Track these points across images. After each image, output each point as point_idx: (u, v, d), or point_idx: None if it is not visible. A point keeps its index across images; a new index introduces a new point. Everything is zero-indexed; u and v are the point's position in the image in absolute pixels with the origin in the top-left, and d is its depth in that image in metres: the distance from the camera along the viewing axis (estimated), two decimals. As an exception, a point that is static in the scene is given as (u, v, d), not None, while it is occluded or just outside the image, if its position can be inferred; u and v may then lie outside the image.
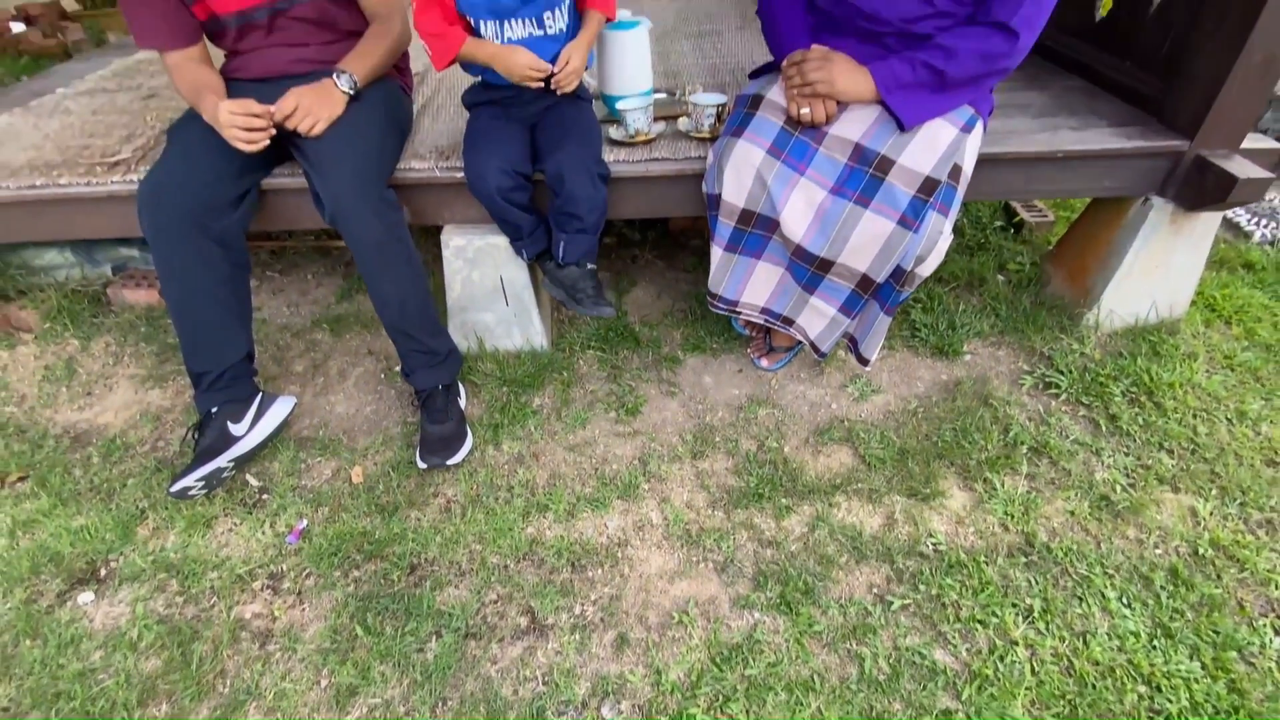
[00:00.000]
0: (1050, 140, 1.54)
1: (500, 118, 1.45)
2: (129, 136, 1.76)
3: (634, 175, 1.53)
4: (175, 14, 1.39)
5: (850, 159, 1.32)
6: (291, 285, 2.09)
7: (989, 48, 1.23)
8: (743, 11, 2.70)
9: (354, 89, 1.41)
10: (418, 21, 1.30)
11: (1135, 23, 1.73)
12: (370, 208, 1.34)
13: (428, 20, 1.29)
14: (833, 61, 1.29)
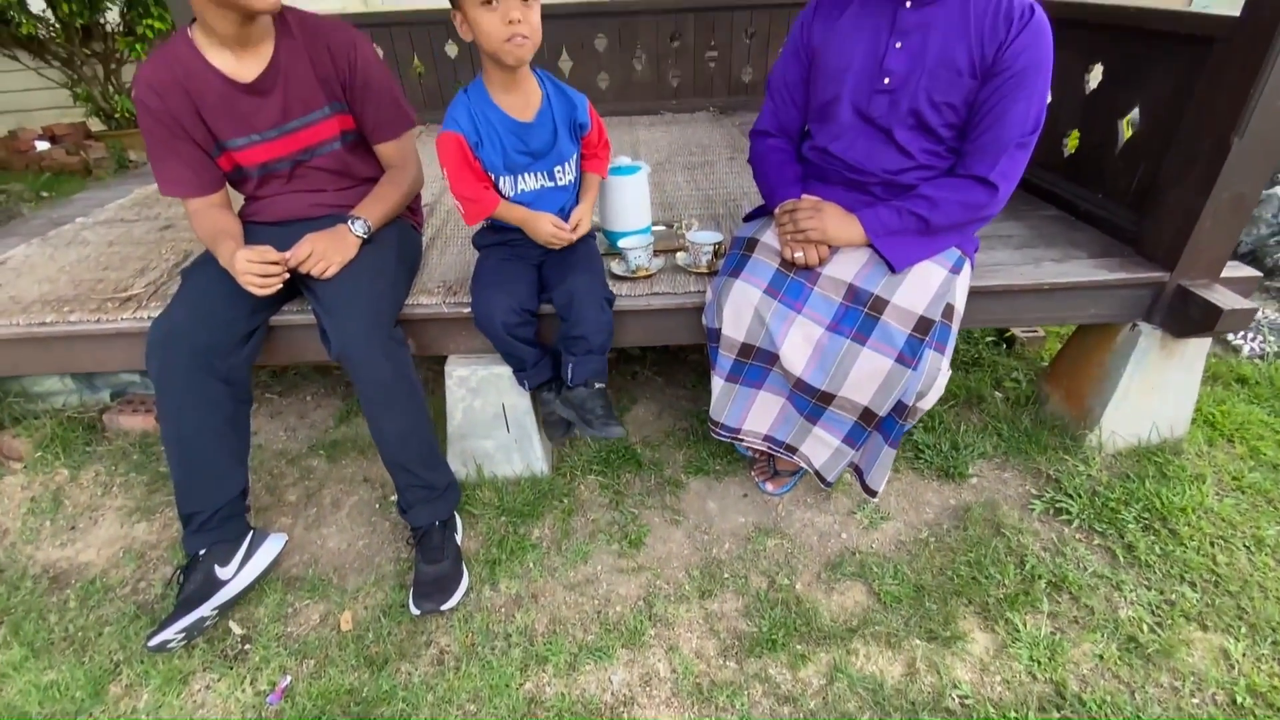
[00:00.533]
0: (1034, 273, 1.61)
1: (509, 258, 1.51)
2: (143, 270, 1.82)
3: (636, 308, 1.58)
4: (201, 165, 1.47)
5: (845, 298, 1.37)
6: (290, 407, 2.09)
7: (970, 199, 1.31)
8: (732, 143, 2.89)
9: (368, 234, 1.47)
10: (454, 187, 1.37)
11: (1103, 158, 1.86)
12: (379, 348, 1.36)
13: (464, 185, 1.36)
14: (824, 211, 1.36)
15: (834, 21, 1.39)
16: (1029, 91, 1.26)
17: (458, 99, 1.35)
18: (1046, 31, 1.26)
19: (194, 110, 1.41)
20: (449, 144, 1.34)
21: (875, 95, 1.36)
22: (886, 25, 1.33)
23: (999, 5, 1.26)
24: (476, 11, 1.19)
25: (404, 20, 3.21)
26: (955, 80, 1.29)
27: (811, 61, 1.44)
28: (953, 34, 1.28)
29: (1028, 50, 1.24)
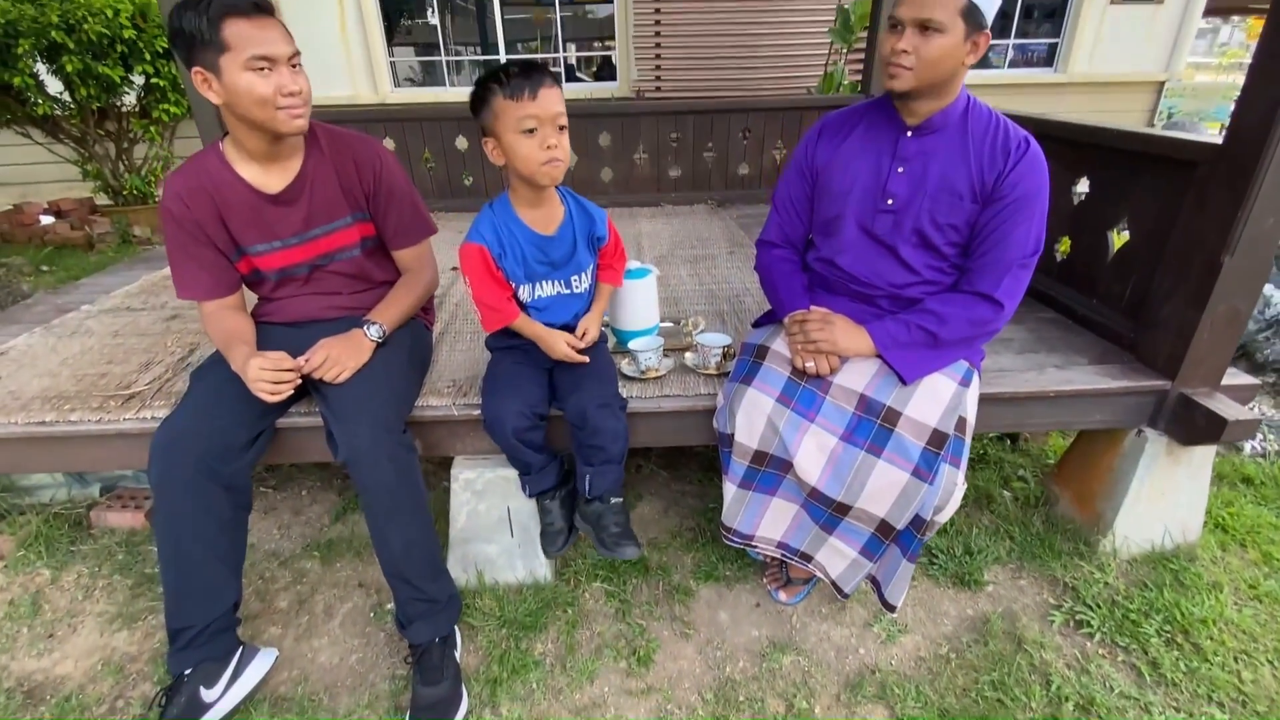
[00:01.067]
0: (1039, 380, 1.64)
1: (521, 361, 1.52)
2: (148, 364, 1.81)
3: (646, 410, 1.58)
4: (220, 269, 1.49)
5: (857, 408, 1.39)
6: (285, 503, 2.04)
7: (977, 315, 1.36)
8: (730, 236, 3.00)
9: (382, 339, 1.49)
10: (477, 295, 1.40)
11: (1095, 266, 1.93)
12: (386, 454, 1.34)
13: (487, 294, 1.40)
14: (833, 323, 1.40)
15: (838, 146, 1.47)
16: (1028, 216, 1.33)
17: (483, 213, 1.40)
18: (1042, 163, 1.34)
19: (218, 217, 1.44)
20: (473, 255, 1.37)
21: (879, 214, 1.43)
22: (888, 151, 1.41)
23: (996, 137, 1.34)
24: (515, 138, 1.26)
25: (417, 115, 3.37)
26: (957, 204, 1.36)
27: (815, 180, 1.52)
28: (952, 161, 1.36)
29: (1025, 180, 1.31)
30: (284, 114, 1.29)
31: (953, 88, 1.33)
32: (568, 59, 6.67)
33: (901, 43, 1.25)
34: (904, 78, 1.27)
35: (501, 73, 1.25)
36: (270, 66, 1.25)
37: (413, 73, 6.80)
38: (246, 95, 1.26)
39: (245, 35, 1.22)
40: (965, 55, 1.26)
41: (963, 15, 1.21)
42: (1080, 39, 6.56)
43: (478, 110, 1.30)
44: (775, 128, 3.48)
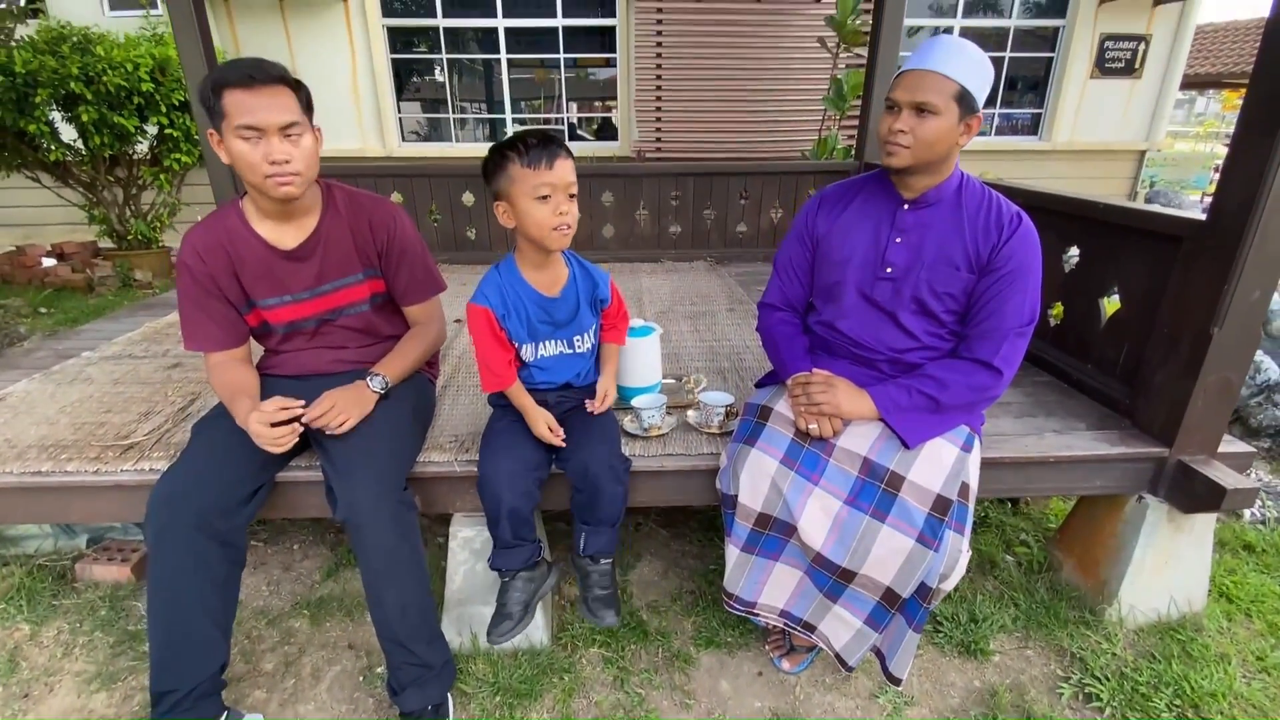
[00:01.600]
0: (1039, 445, 1.66)
1: (520, 419, 1.53)
2: (147, 413, 1.81)
3: (649, 469, 1.59)
4: (229, 321, 1.52)
5: (860, 472, 1.40)
6: (275, 557, 2.01)
7: (977, 381, 1.39)
8: (729, 293, 3.06)
9: (385, 390, 1.50)
10: (480, 354, 1.44)
11: (1087, 332, 1.98)
12: (387, 513, 1.34)
13: (489, 355, 1.43)
14: (836, 387, 1.42)
15: (837, 216, 1.54)
16: (1023, 287, 1.38)
17: (489, 275, 1.44)
18: (1034, 237, 1.39)
19: (232, 272, 1.48)
20: (478, 317, 1.41)
21: (879, 282, 1.47)
22: (887, 222, 1.47)
23: (989, 212, 1.40)
24: (529, 204, 1.31)
25: (424, 172, 3.47)
26: (953, 274, 1.41)
27: (815, 248, 1.57)
28: (948, 233, 1.41)
29: (1018, 253, 1.37)
30: (271, 181, 1.34)
31: (947, 165, 1.40)
32: (570, 119, 6.92)
33: (898, 123, 1.32)
34: (901, 155, 1.35)
35: (519, 142, 1.31)
36: (258, 135, 1.31)
37: (419, 127, 7.03)
38: (238, 160, 1.33)
39: (238, 104, 1.28)
40: (959, 136, 1.33)
41: (956, 100, 1.29)
42: (1062, 109, 6.89)
43: (492, 174, 1.35)
44: (773, 190, 3.60)
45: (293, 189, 1.38)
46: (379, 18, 6.24)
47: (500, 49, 6.49)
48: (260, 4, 5.99)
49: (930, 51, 1.30)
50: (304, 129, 1.38)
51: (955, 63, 1.28)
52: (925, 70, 1.29)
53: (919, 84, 1.29)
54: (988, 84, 1.32)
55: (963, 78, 1.28)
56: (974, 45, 1.31)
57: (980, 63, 1.30)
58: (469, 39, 6.62)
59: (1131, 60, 6.78)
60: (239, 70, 1.31)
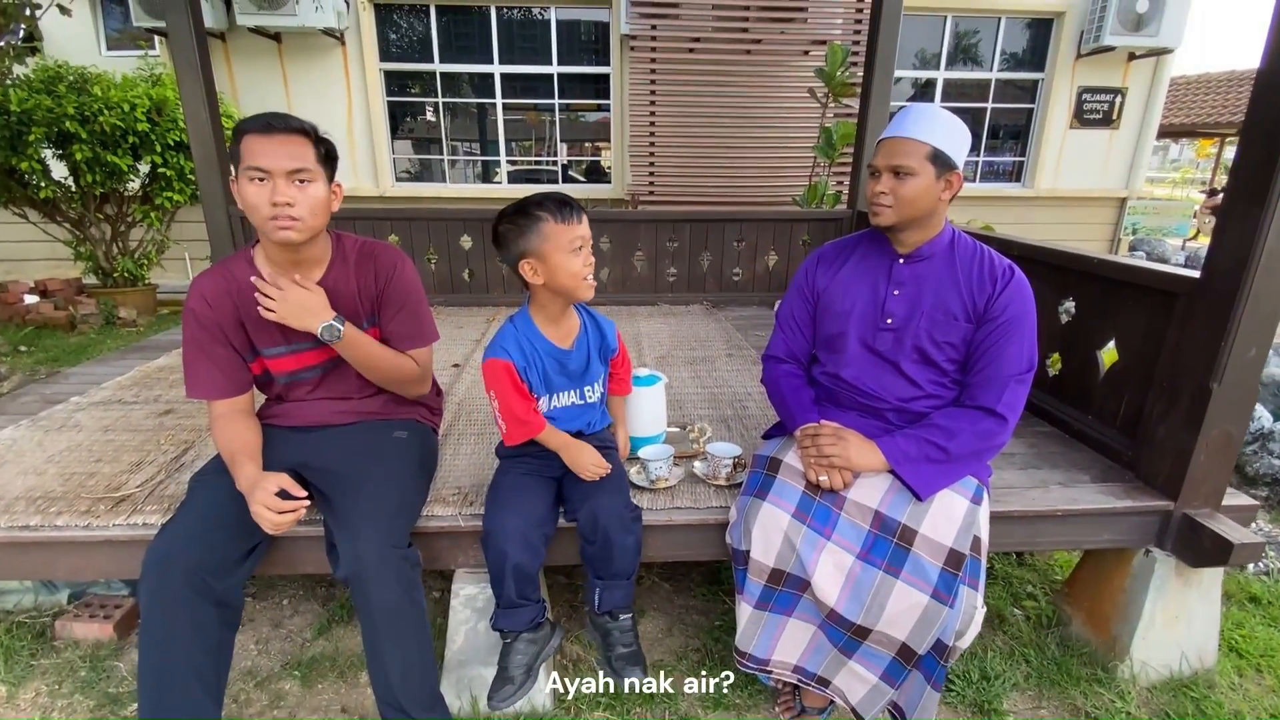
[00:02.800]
0: (1045, 498, 1.68)
1: (529, 472, 1.53)
2: (139, 464, 1.78)
3: (657, 523, 1.58)
4: (233, 368, 1.50)
5: (872, 526, 1.40)
6: (264, 613, 1.95)
7: (982, 428, 1.41)
8: (727, 338, 3.09)
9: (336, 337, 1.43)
10: (504, 408, 1.43)
11: (1086, 383, 2.02)
12: (392, 571, 1.32)
13: (515, 407, 1.43)
14: (846, 439, 1.44)
15: (835, 271, 1.58)
16: (1019, 335, 1.42)
17: (506, 330, 1.46)
18: (1027, 287, 1.45)
19: (238, 320, 1.48)
20: (499, 371, 1.42)
21: (880, 332, 1.51)
22: (884, 276, 1.52)
23: (983, 265, 1.46)
24: (564, 257, 1.37)
25: (423, 215, 3.51)
26: (952, 324, 1.46)
27: (816, 301, 1.61)
28: (944, 285, 1.47)
29: (1013, 303, 1.43)
30: (272, 224, 1.36)
31: (935, 221, 1.47)
32: (561, 161, 7.06)
33: (879, 186, 1.43)
34: (885, 214, 1.44)
35: (547, 201, 1.36)
36: (265, 178, 1.34)
37: (412, 166, 7.13)
38: (242, 200, 1.36)
39: (251, 148, 1.33)
40: (940, 193, 1.42)
41: (930, 160, 1.38)
42: (1044, 157, 7.15)
43: (516, 236, 1.37)
44: (768, 236, 3.68)
45: (292, 234, 1.38)
46: (377, 62, 6.39)
47: (496, 93, 6.65)
48: (258, 48, 6.12)
49: (903, 119, 1.41)
50: (315, 177, 1.40)
51: (925, 127, 1.38)
52: (899, 137, 1.40)
53: (894, 149, 1.40)
54: (962, 143, 1.41)
55: (934, 139, 1.37)
56: (945, 111, 1.41)
57: (950, 124, 1.40)
58: (464, 82, 6.79)
59: (1109, 111, 7.08)
60: (261, 119, 1.35)
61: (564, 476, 1.57)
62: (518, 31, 6.54)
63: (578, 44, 6.61)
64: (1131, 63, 6.88)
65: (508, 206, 1.41)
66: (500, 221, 1.40)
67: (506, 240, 1.40)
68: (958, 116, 1.41)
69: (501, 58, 6.54)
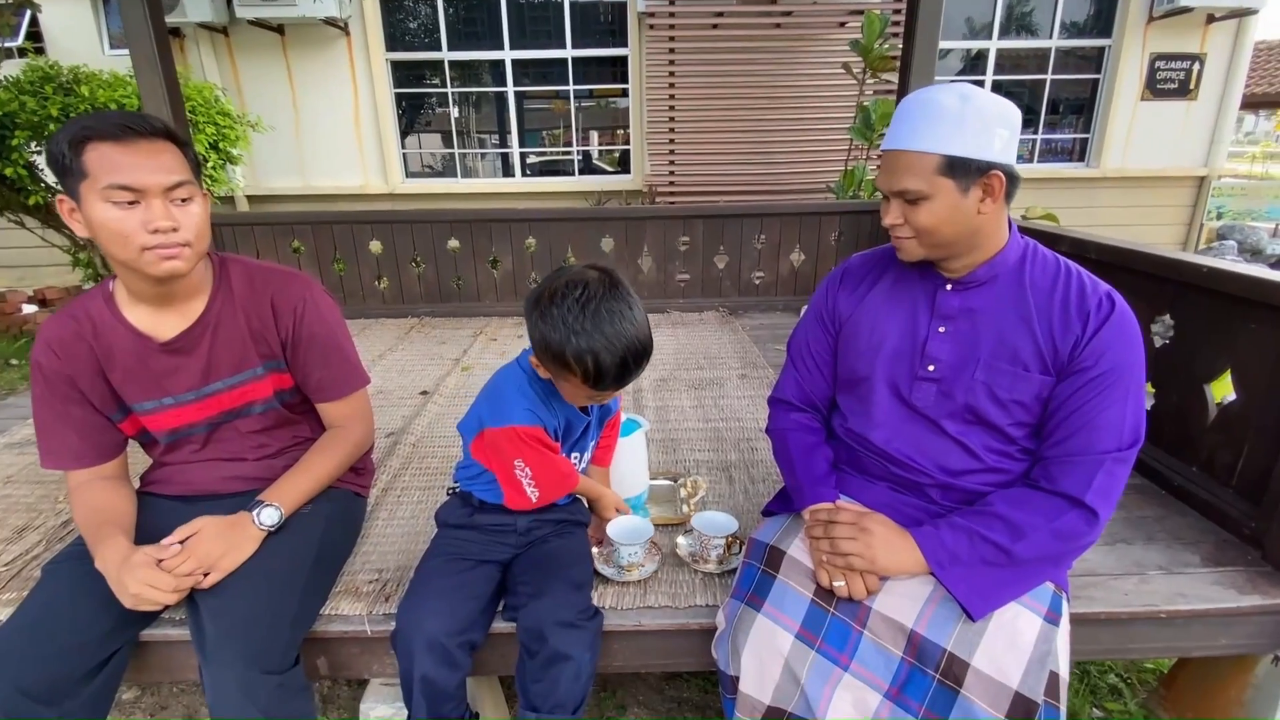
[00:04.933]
0: (1141, 591, 1.28)
1: (470, 556, 1.21)
2: (22, 530, 1.52)
3: (624, 628, 1.24)
4: (95, 431, 1.23)
5: (906, 653, 1.04)
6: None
7: (1065, 526, 1.03)
8: (742, 354, 2.72)
9: (277, 526, 1.19)
10: (541, 475, 1.19)
11: (1190, 426, 1.60)
12: (259, 706, 1.02)
13: (551, 467, 1.20)
14: (871, 532, 1.08)
15: (862, 295, 1.22)
16: (1121, 395, 1.03)
17: (519, 391, 1.18)
18: (1133, 326, 1.05)
19: (96, 370, 1.20)
20: (531, 439, 1.16)
21: (918, 383, 1.14)
22: (925, 306, 1.15)
23: (1068, 294, 1.07)
24: (571, 391, 1.15)
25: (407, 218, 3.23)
26: (1019, 376, 1.07)
27: (839, 331, 1.25)
28: (1010, 322, 1.08)
29: (1113, 349, 1.03)
30: (152, 255, 1.08)
31: (986, 239, 1.08)
32: (587, 150, 6.72)
33: (888, 218, 1.08)
34: (907, 248, 1.10)
35: (596, 358, 1.04)
36: (136, 198, 1.05)
37: (430, 160, 6.90)
38: (102, 230, 1.06)
39: (106, 160, 1.03)
40: (975, 205, 1.03)
41: (944, 173, 1.00)
42: (1112, 133, 6.50)
43: (545, 336, 1.07)
44: (793, 232, 3.28)
45: (180, 264, 1.11)
46: (382, 51, 6.15)
47: (507, 81, 6.34)
48: (261, 41, 5.95)
49: (897, 123, 1.04)
50: (194, 192, 1.12)
51: (926, 129, 1.00)
52: (896, 150, 1.03)
53: (894, 168, 1.04)
54: (991, 129, 0.99)
55: (941, 144, 0.99)
56: (955, 91, 1.00)
57: (965, 111, 0.98)
58: (475, 71, 6.50)
59: (1186, 81, 6.40)
60: (109, 119, 1.05)
61: (513, 561, 1.25)
62: (529, 14, 6.22)
63: (593, 24, 6.24)
64: (1210, 25, 6.18)
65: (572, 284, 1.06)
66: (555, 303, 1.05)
67: (539, 326, 1.08)
68: (978, 89, 1.00)
69: (513, 43, 6.22)
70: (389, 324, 3.18)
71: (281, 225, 3.18)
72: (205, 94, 5.11)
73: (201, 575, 1.10)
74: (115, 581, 1.08)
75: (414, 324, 3.17)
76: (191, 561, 1.09)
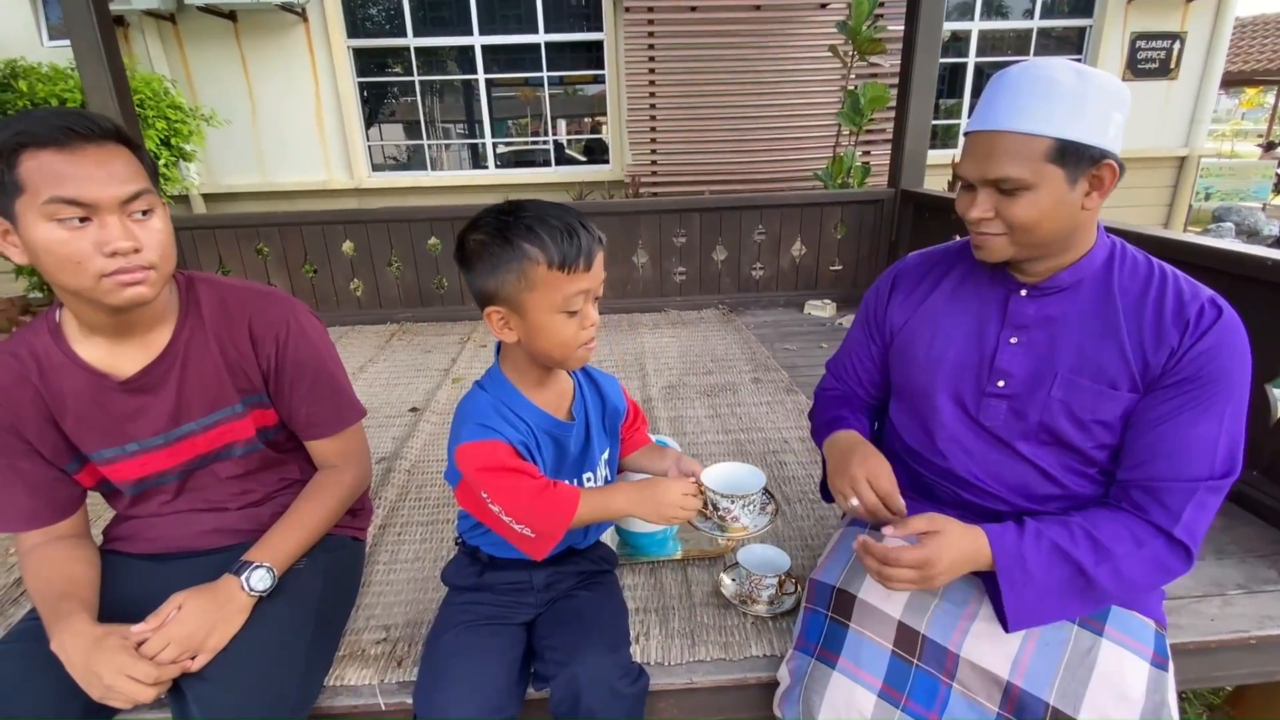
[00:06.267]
0: (1226, 616, 1.19)
1: (487, 620, 1.07)
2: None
3: (673, 687, 1.11)
4: (45, 487, 1.06)
5: (1004, 708, 0.93)
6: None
7: (1152, 555, 0.90)
8: (751, 354, 2.60)
9: (270, 588, 1.04)
10: (514, 509, 0.95)
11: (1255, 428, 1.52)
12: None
13: (529, 498, 0.94)
14: (935, 561, 0.89)
15: (919, 302, 1.10)
16: (1219, 413, 0.91)
17: (479, 400, 1.00)
18: (1241, 337, 0.93)
19: (45, 417, 1.03)
20: (492, 457, 0.94)
21: (987, 399, 1.03)
22: (995, 314, 1.03)
23: (1162, 300, 0.94)
24: (552, 318, 0.91)
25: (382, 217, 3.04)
26: (1105, 394, 0.95)
27: (888, 342, 1.14)
28: (1093, 331, 0.97)
29: (1216, 361, 0.91)
30: (111, 282, 0.91)
31: (1080, 239, 0.96)
32: (558, 139, 6.53)
33: (976, 209, 0.93)
34: (993, 248, 0.96)
35: (540, 226, 0.87)
36: (87, 214, 0.88)
37: (397, 152, 6.63)
38: (48, 255, 0.89)
39: (48, 171, 0.86)
40: (1080, 199, 0.90)
41: (1054, 160, 0.87)
42: (1094, 115, 6.52)
43: (490, 267, 0.90)
44: (794, 224, 3.17)
45: (145, 290, 0.94)
46: (344, 39, 5.86)
47: (478, 68, 6.11)
48: (212, 29, 5.62)
49: (995, 99, 0.90)
50: (155, 202, 0.96)
51: (1037, 108, 0.87)
52: (993, 132, 0.89)
53: (990, 151, 0.90)
54: (1108, 110, 0.87)
55: (1057, 126, 0.86)
56: (1069, 66, 0.87)
57: (1081, 88, 0.86)
58: (444, 59, 6.25)
59: (1166, 60, 6.43)
60: (47, 123, 0.87)
61: (537, 620, 1.11)
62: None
63: (566, 8, 6.04)
64: (1191, 3, 6.22)
65: (484, 211, 0.93)
66: (472, 230, 0.92)
67: (474, 263, 0.92)
68: (1090, 68, 0.88)
69: (482, 28, 5.99)
70: (367, 331, 3.00)
71: (246, 228, 2.97)
72: (154, 86, 4.82)
73: (188, 659, 0.94)
74: (82, 669, 0.92)
75: (394, 330, 2.99)
76: (174, 647, 0.93)
